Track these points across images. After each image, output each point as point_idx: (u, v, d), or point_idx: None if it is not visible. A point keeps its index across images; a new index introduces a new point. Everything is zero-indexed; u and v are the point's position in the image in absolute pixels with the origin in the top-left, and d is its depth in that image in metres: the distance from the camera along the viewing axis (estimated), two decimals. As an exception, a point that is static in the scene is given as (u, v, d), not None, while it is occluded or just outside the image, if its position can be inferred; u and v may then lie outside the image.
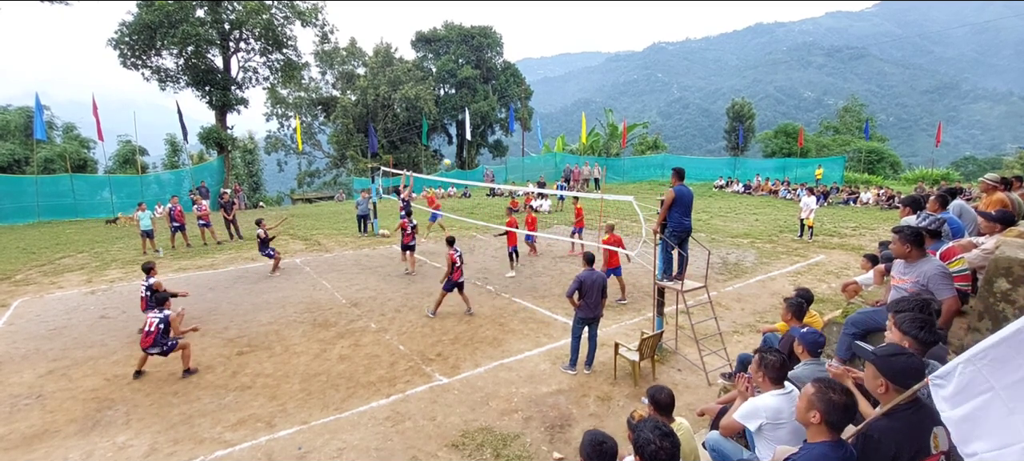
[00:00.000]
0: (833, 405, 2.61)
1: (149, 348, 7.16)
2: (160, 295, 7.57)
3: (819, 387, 2.69)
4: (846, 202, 24.81)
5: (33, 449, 5.76)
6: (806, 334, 4.21)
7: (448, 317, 9.82)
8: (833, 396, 2.62)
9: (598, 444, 3.01)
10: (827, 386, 2.68)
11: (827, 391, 2.65)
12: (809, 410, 2.69)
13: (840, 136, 46.46)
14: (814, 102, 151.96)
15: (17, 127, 30.98)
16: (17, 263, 14.77)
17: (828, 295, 10.46)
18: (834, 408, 2.61)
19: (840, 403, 2.61)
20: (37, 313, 10.48)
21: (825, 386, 2.69)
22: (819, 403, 2.64)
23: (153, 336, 7.10)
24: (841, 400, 2.61)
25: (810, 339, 4.16)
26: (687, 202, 7.42)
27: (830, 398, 2.62)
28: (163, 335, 7.17)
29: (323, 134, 48.89)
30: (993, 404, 2.20)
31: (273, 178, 51.76)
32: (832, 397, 2.62)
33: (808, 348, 4.16)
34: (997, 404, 2.18)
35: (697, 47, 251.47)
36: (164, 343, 7.22)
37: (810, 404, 2.68)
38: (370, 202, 18.77)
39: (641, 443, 2.70)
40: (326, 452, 5.61)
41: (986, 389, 2.22)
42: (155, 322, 7.11)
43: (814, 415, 2.66)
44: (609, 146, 40.53)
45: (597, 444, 3.01)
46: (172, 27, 26.43)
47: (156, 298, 7.54)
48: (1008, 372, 2.15)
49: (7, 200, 22.56)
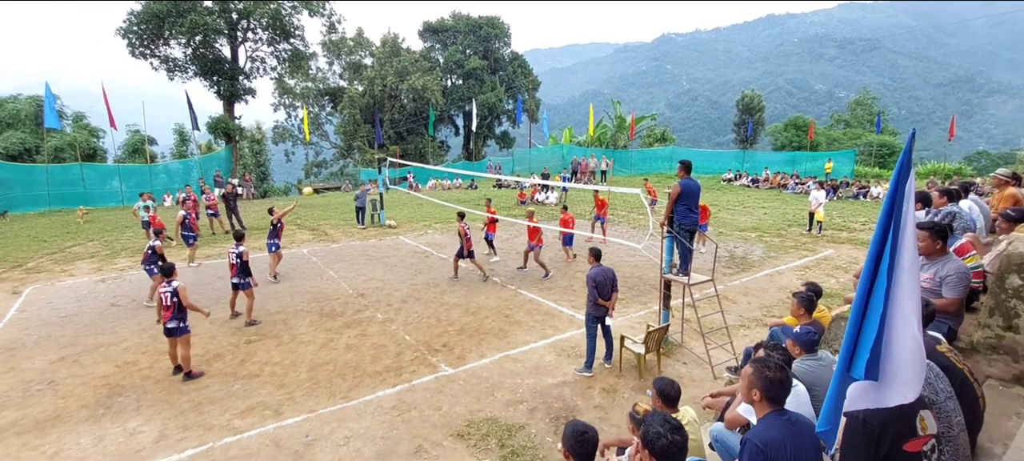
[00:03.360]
0: (769, 381, 2.82)
1: (168, 322, 6.95)
2: (167, 266, 7.31)
3: (755, 367, 2.90)
4: (856, 196, 24.56)
5: (46, 433, 5.86)
6: (800, 334, 4.22)
7: (454, 308, 9.85)
8: (768, 373, 2.84)
9: (580, 434, 3.10)
10: (762, 365, 2.90)
11: (763, 370, 2.86)
12: (750, 389, 2.90)
13: (851, 130, 45.90)
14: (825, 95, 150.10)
15: (28, 116, 31.22)
16: (29, 251, 14.96)
17: (836, 290, 10.38)
18: (771, 384, 2.82)
19: (775, 378, 2.82)
20: (49, 300, 10.62)
21: (760, 365, 2.91)
22: (758, 381, 2.85)
23: (172, 309, 6.92)
24: (775, 376, 2.82)
25: (805, 339, 4.17)
26: (694, 195, 7.36)
27: (766, 375, 2.83)
28: (179, 309, 6.97)
29: (330, 124, 48.94)
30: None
31: (281, 168, 51.90)
32: (767, 373, 2.83)
33: (803, 347, 4.17)
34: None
35: (707, 38, 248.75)
36: (181, 319, 6.99)
37: (751, 384, 2.89)
38: (369, 194, 18.89)
39: (651, 437, 2.71)
40: (333, 440, 5.66)
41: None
42: (168, 295, 6.93)
43: (755, 393, 2.87)
44: (617, 138, 40.31)
45: (578, 434, 3.10)
46: (180, 16, 26.47)
47: (164, 269, 7.26)
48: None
49: (19, 189, 22.80)
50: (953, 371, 3.07)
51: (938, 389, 2.87)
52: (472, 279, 11.77)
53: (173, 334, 7.03)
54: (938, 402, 2.84)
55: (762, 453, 2.66)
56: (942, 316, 4.14)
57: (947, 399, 2.88)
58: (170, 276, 7.14)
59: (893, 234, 2.25)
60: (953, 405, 2.88)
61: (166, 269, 7.23)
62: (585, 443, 3.07)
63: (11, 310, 10.05)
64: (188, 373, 7.11)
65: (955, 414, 2.87)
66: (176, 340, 7.08)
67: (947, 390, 2.91)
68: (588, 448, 3.08)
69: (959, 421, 2.88)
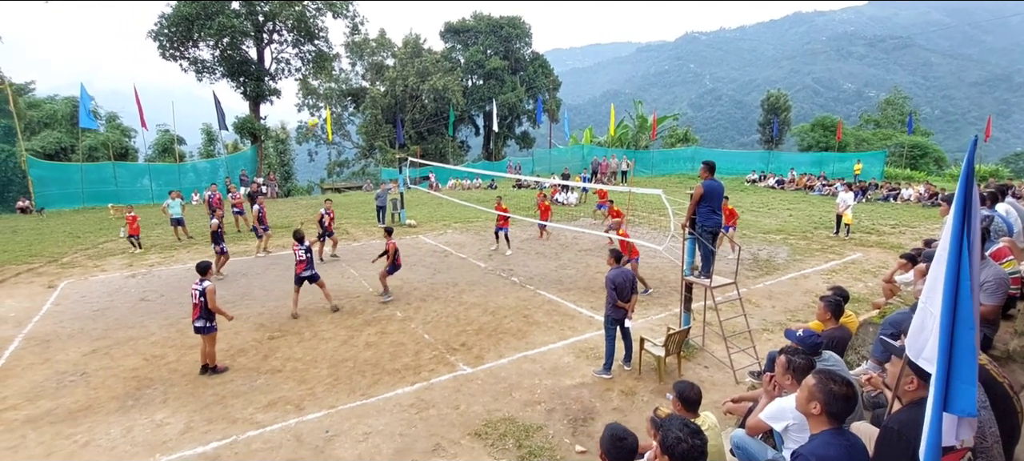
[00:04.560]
0: (833, 395, 2.62)
1: (196, 320, 7.09)
2: (202, 264, 7.37)
3: (820, 378, 2.70)
4: (886, 198, 23.87)
5: (78, 423, 6.05)
6: (803, 337, 4.12)
7: (472, 307, 9.87)
8: (833, 387, 2.64)
9: (619, 439, 2.94)
10: (827, 377, 2.70)
11: (827, 382, 2.66)
12: (810, 401, 2.70)
13: (881, 130, 44.65)
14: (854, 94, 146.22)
15: (64, 116, 32.37)
16: (64, 246, 15.50)
17: (864, 294, 10.10)
18: (834, 398, 2.62)
19: (840, 394, 2.62)
20: (82, 294, 10.99)
21: (825, 377, 2.70)
22: (820, 394, 2.65)
23: (198, 308, 7.07)
24: (841, 390, 2.62)
25: (808, 342, 4.06)
26: (717, 197, 7.24)
27: (830, 389, 2.63)
28: (205, 309, 7.06)
29: (352, 125, 49.56)
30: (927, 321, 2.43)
31: (304, 168, 52.78)
32: (832, 388, 2.64)
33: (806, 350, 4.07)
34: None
35: (732, 37, 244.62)
36: (208, 318, 7.10)
37: (811, 395, 2.70)
38: (389, 193, 19.03)
39: (670, 442, 2.64)
40: (352, 436, 5.72)
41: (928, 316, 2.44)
42: (197, 293, 7.07)
43: (815, 406, 2.68)
44: (638, 138, 39.91)
45: (618, 439, 2.94)
46: (208, 19, 27.16)
47: (198, 267, 7.35)
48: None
49: (54, 186, 23.64)
50: (993, 385, 2.96)
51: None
52: (492, 279, 11.78)
53: (200, 332, 7.18)
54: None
55: None
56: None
57: (981, 409, 2.77)
58: (204, 275, 7.24)
59: (969, 251, 2.09)
60: (987, 416, 2.78)
61: (201, 267, 7.34)
62: (624, 449, 2.93)
63: (47, 303, 10.42)
64: (213, 368, 7.27)
65: (989, 425, 2.76)
66: (203, 337, 7.22)
67: (982, 400, 2.80)
68: (626, 455, 2.93)
69: (994, 432, 2.77)
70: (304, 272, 9.54)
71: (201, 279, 7.19)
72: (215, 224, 12.23)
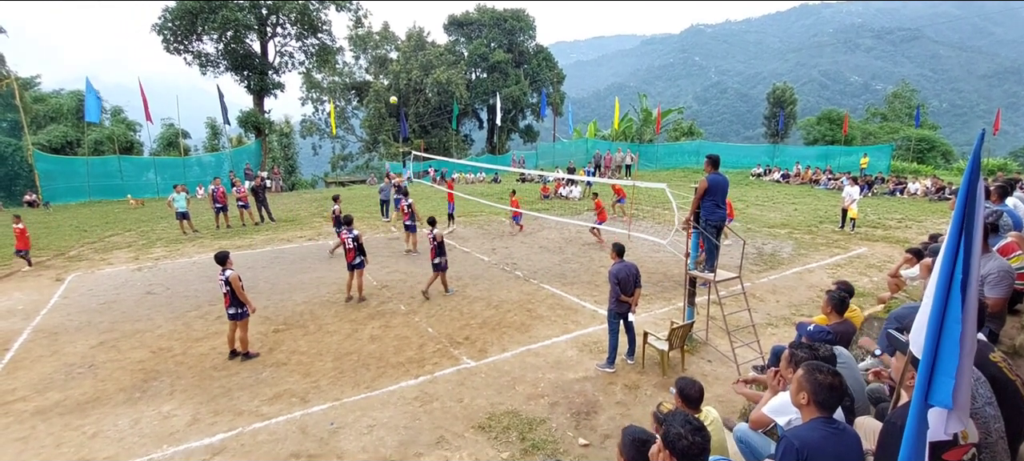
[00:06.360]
0: (819, 385, 2.68)
1: (228, 309, 7.26)
2: (219, 254, 7.47)
3: (807, 369, 2.77)
4: (892, 192, 23.71)
5: (86, 414, 6.12)
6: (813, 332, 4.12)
7: (476, 301, 9.90)
8: (819, 376, 2.70)
9: (640, 443, 2.89)
10: (814, 368, 2.76)
11: (814, 372, 2.72)
12: (799, 392, 2.77)
13: (888, 123, 44.24)
14: (861, 87, 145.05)
15: (70, 110, 32.46)
16: (71, 240, 15.61)
17: (869, 289, 10.06)
18: (821, 387, 2.68)
19: (826, 383, 2.67)
20: (89, 287, 11.07)
21: (812, 368, 2.76)
22: (807, 384, 2.71)
23: (228, 296, 7.23)
24: (827, 380, 2.67)
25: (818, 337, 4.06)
26: (722, 191, 7.20)
27: (816, 378, 2.69)
28: (234, 297, 7.21)
29: (356, 118, 49.52)
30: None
31: (308, 161, 52.83)
32: (818, 377, 2.69)
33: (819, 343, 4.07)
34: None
35: (737, 29, 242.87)
36: (239, 305, 7.26)
37: (799, 386, 2.76)
38: (392, 187, 18.96)
39: (672, 438, 2.63)
40: (357, 428, 5.76)
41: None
42: (222, 282, 7.21)
43: (803, 396, 2.74)
44: (642, 132, 39.73)
45: (639, 443, 2.89)
46: (212, 13, 27.13)
47: (217, 257, 7.44)
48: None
49: (61, 180, 23.79)
50: (1004, 383, 2.94)
51: (978, 394, 2.76)
52: (495, 273, 11.80)
53: (234, 319, 7.35)
54: (977, 408, 2.73)
55: (797, 453, 2.57)
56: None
57: (986, 405, 2.76)
58: (223, 265, 7.33)
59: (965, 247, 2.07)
60: (992, 412, 2.77)
61: (219, 257, 7.41)
62: (644, 455, 2.87)
63: (54, 296, 10.52)
64: (246, 354, 7.47)
65: (994, 421, 2.75)
66: (235, 324, 7.40)
67: (987, 396, 2.79)
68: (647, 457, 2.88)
69: (998, 428, 2.76)
70: (354, 261, 9.68)
71: (222, 270, 7.29)
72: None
